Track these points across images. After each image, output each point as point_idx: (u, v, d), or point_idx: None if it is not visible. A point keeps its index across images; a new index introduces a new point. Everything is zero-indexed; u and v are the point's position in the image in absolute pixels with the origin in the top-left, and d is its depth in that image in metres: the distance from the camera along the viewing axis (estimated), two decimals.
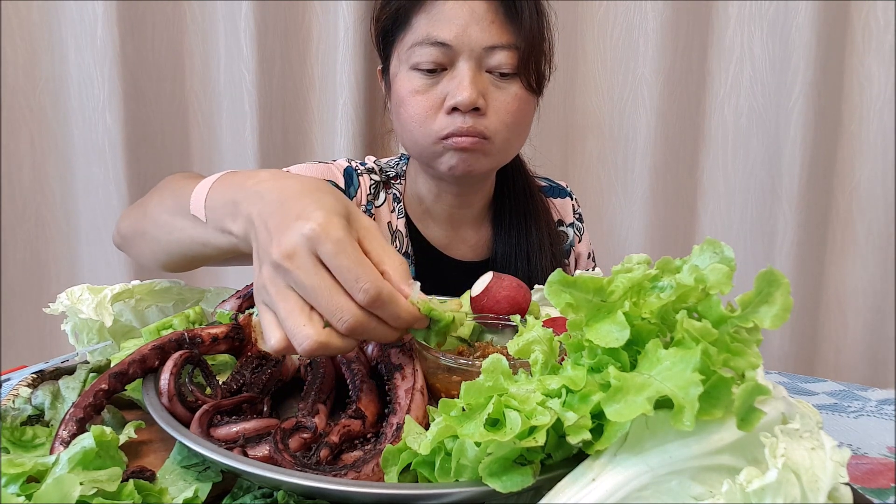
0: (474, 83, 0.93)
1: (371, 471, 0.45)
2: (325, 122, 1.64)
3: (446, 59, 0.94)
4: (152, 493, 0.45)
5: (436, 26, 0.94)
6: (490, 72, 0.95)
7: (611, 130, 1.67)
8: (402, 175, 1.14)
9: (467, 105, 0.92)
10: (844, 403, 0.78)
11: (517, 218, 1.11)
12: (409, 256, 1.09)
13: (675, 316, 0.41)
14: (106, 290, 0.72)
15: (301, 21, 1.60)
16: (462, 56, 0.93)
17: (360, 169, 1.09)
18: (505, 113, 0.96)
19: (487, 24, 0.93)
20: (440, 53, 0.93)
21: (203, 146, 1.64)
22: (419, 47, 0.94)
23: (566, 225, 1.21)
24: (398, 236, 1.09)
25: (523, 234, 1.10)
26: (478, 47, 0.93)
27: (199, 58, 1.60)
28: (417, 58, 0.95)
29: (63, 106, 1.54)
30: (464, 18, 0.93)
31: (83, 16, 1.48)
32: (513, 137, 1.00)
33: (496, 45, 0.93)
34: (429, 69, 0.95)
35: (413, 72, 0.96)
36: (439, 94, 0.95)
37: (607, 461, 0.39)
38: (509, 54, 0.94)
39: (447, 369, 0.57)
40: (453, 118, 0.94)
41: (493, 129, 0.96)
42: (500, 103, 0.95)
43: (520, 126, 1.00)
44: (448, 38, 0.93)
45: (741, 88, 1.63)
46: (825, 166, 1.62)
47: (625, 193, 1.68)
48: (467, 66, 0.93)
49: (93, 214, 1.57)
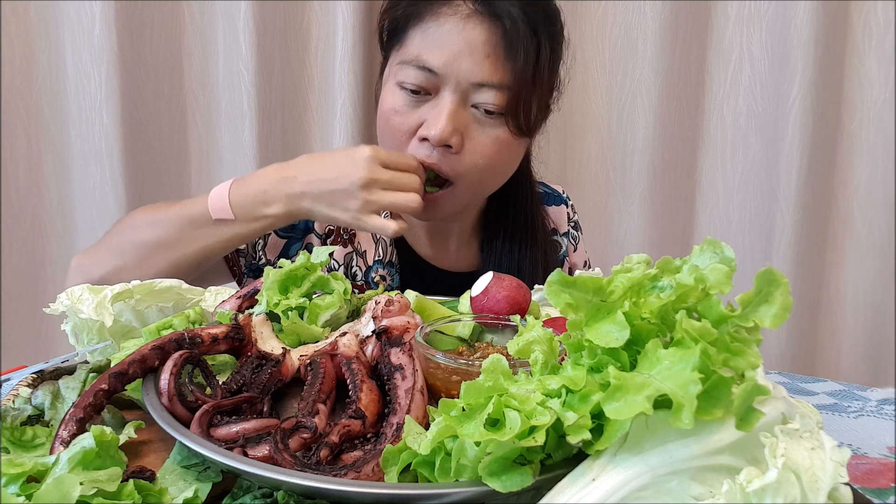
0: (452, 119, 0.88)
1: (371, 471, 0.45)
2: (324, 122, 1.64)
3: (431, 85, 0.89)
4: (152, 493, 0.45)
5: (427, 48, 0.89)
6: (475, 107, 0.90)
7: (609, 130, 1.67)
8: None
9: (438, 140, 0.88)
10: (844, 403, 0.78)
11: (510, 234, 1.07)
12: (393, 265, 1.07)
13: (675, 316, 0.41)
14: (106, 290, 0.72)
15: (300, 21, 1.60)
16: (447, 86, 0.88)
17: None
18: (479, 155, 0.91)
19: (481, 58, 0.87)
20: (425, 79, 0.89)
21: (201, 146, 1.64)
22: (406, 66, 0.90)
23: (560, 234, 1.17)
24: (382, 245, 1.07)
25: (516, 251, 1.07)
26: (465, 81, 0.88)
27: (197, 57, 1.60)
28: (403, 76, 0.91)
29: (60, 106, 1.53)
30: (457, 47, 0.87)
31: (81, 15, 1.48)
32: (485, 179, 0.96)
33: (485, 83, 0.88)
34: (412, 90, 0.90)
35: (397, 88, 0.92)
36: (417, 119, 0.91)
37: (607, 461, 0.39)
38: (498, 94, 0.88)
39: (447, 369, 0.57)
40: (421, 147, 0.91)
41: (461, 170, 0.92)
42: (476, 143, 0.91)
43: (495, 168, 0.95)
44: (436, 65, 0.88)
45: (740, 88, 1.64)
46: (825, 166, 1.62)
47: (623, 193, 1.69)
48: (450, 100, 0.88)
49: (90, 215, 1.57)
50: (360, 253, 1.07)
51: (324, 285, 0.74)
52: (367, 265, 1.07)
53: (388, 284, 1.07)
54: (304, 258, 0.74)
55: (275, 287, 0.71)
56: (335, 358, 0.60)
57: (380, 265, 1.07)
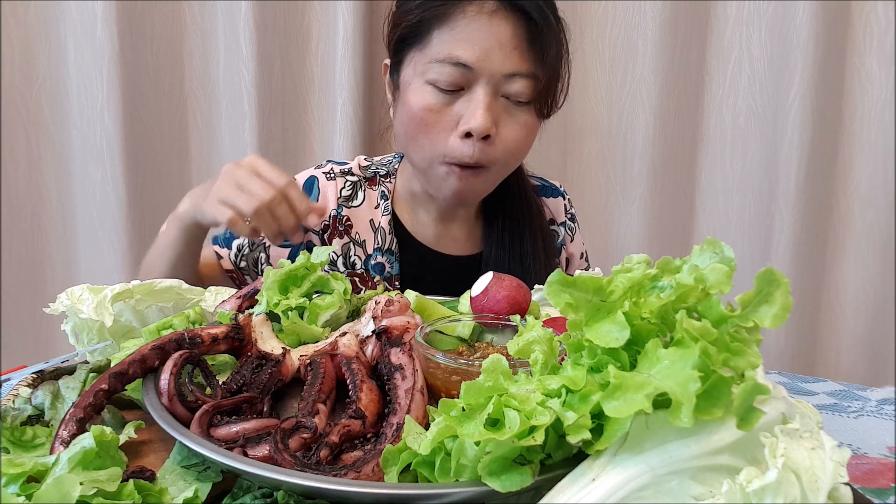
0: (490, 110, 0.92)
1: (371, 471, 0.45)
2: (324, 122, 1.64)
3: (464, 81, 0.93)
4: (152, 493, 0.45)
5: (458, 45, 0.92)
6: (505, 97, 0.94)
7: (609, 130, 1.67)
8: (394, 174, 1.14)
9: (481, 133, 0.92)
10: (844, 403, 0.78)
11: (511, 221, 1.11)
12: (391, 253, 1.10)
13: (675, 316, 0.41)
14: (106, 290, 0.72)
15: (300, 20, 1.60)
16: (481, 80, 0.92)
17: (332, 173, 1.11)
18: (512, 141, 0.96)
19: (510, 50, 0.92)
20: (459, 74, 0.92)
21: (202, 146, 1.64)
22: (438, 65, 0.93)
23: (557, 224, 1.21)
24: (381, 232, 1.10)
25: (517, 238, 1.11)
26: (498, 73, 0.92)
27: (198, 57, 1.60)
28: (435, 75, 0.93)
29: (61, 106, 1.54)
30: (488, 41, 0.91)
31: (82, 15, 1.48)
32: (513, 163, 1.03)
33: (517, 73, 0.92)
34: (447, 89, 0.93)
35: (428, 87, 0.94)
36: (454, 115, 0.94)
37: (607, 461, 0.39)
38: (528, 83, 0.93)
39: (447, 369, 0.57)
40: (464, 144, 0.94)
41: (496, 157, 0.96)
42: (508, 131, 0.96)
43: (521, 153, 1.02)
44: (470, 60, 0.91)
45: (739, 88, 1.64)
46: (824, 166, 1.62)
47: (623, 193, 1.69)
48: (484, 92, 0.92)
49: (90, 215, 1.57)
50: (359, 242, 1.10)
51: (324, 285, 0.74)
52: (366, 254, 1.10)
53: (388, 272, 1.10)
54: (304, 258, 0.74)
55: (275, 287, 0.71)
56: (335, 358, 0.60)
57: (379, 253, 1.10)
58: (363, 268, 1.10)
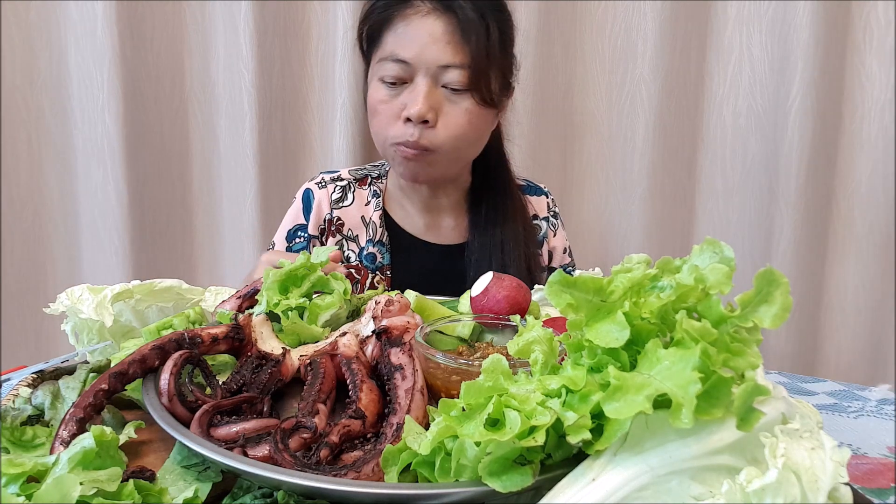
0: (427, 98, 1.05)
1: (371, 471, 0.45)
2: (324, 122, 1.64)
3: (406, 74, 1.06)
4: (152, 493, 0.45)
5: (399, 45, 1.06)
6: (445, 86, 1.06)
7: (609, 130, 1.67)
8: (385, 175, 1.27)
9: (417, 117, 1.04)
10: (844, 403, 0.78)
11: (494, 212, 1.21)
12: (382, 244, 1.21)
13: (675, 316, 0.41)
14: (106, 290, 0.72)
15: (300, 21, 1.60)
16: (420, 72, 1.05)
17: (323, 182, 1.24)
18: (454, 126, 1.07)
19: (444, 44, 1.04)
20: (401, 69, 1.06)
21: (202, 146, 1.64)
22: (385, 62, 1.08)
23: (540, 219, 1.30)
24: (372, 226, 1.22)
25: (499, 226, 1.20)
26: (433, 65, 1.05)
27: (198, 58, 1.60)
28: (383, 71, 1.08)
29: (62, 106, 1.54)
30: (423, 39, 1.05)
31: (83, 16, 1.48)
32: (462, 147, 1.11)
33: (449, 64, 1.05)
34: (391, 82, 1.07)
35: (380, 83, 1.09)
36: (399, 105, 1.07)
37: (607, 461, 0.39)
38: (461, 72, 1.05)
39: (447, 369, 0.57)
40: (406, 128, 1.06)
41: (439, 142, 1.07)
42: (450, 117, 1.07)
43: (469, 138, 1.11)
44: (408, 57, 1.05)
45: (740, 88, 1.63)
46: (825, 166, 1.62)
47: (623, 193, 1.68)
48: (423, 82, 1.05)
49: (91, 215, 1.57)
50: (352, 237, 1.22)
51: (324, 285, 0.74)
52: (359, 247, 1.22)
53: (380, 261, 1.21)
54: (304, 258, 0.74)
55: (275, 287, 0.71)
56: (335, 358, 0.60)
57: (370, 244, 1.21)
58: (357, 259, 1.21)
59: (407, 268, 1.21)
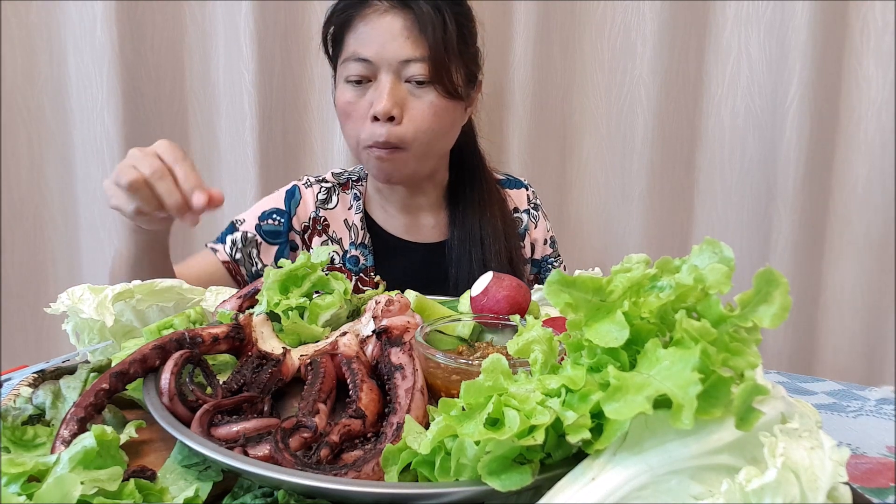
0: (391, 94, 1.06)
1: (371, 470, 0.45)
2: (324, 122, 1.64)
3: (370, 73, 1.08)
4: (153, 493, 0.45)
5: (360, 44, 1.08)
6: (409, 81, 1.07)
7: (608, 130, 1.67)
8: (365, 178, 1.28)
9: (384, 114, 1.05)
10: (843, 403, 0.78)
11: (471, 206, 1.22)
12: (364, 246, 1.23)
13: (675, 315, 0.41)
14: (107, 290, 0.72)
15: (301, 21, 1.60)
16: (382, 69, 1.07)
17: (309, 182, 1.26)
18: (420, 120, 1.08)
19: (402, 40, 1.06)
20: (364, 67, 1.08)
21: (202, 146, 1.64)
22: (348, 62, 1.09)
23: (520, 211, 1.31)
24: (354, 229, 1.23)
25: (477, 221, 1.21)
26: (394, 61, 1.06)
27: (198, 58, 1.60)
28: (347, 71, 1.09)
29: (62, 106, 1.53)
30: (382, 37, 1.07)
31: (82, 16, 1.48)
32: (432, 140, 1.12)
33: (410, 59, 1.06)
34: (356, 80, 1.09)
35: (345, 84, 1.10)
36: (366, 104, 1.08)
37: (607, 461, 0.39)
38: (422, 66, 1.07)
39: (447, 369, 0.57)
40: (374, 127, 1.07)
41: (409, 137, 1.08)
42: (416, 111, 1.08)
43: (436, 131, 1.11)
44: (369, 55, 1.07)
45: (738, 89, 1.63)
46: (822, 166, 1.62)
47: (622, 193, 1.68)
48: (387, 79, 1.07)
49: (91, 215, 1.57)
50: (336, 240, 1.24)
51: (324, 285, 0.74)
52: (343, 249, 1.23)
53: (363, 263, 1.22)
54: (305, 258, 0.74)
55: (275, 287, 0.71)
56: (335, 358, 0.60)
57: (353, 247, 1.23)
58: (341, 262, 1.23)
59: (390, 269, 1.22)
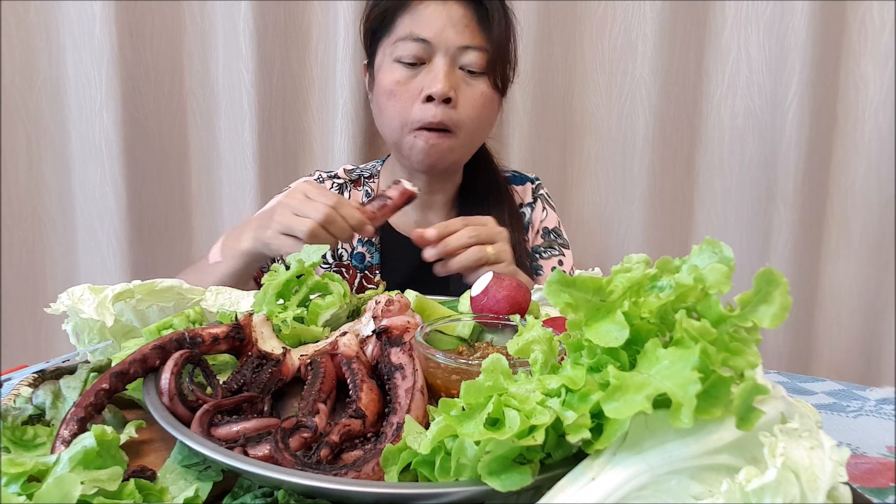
0: (448, 77, 1.07)
1: (371, 470, 0.45)
2: (324, 122, 1.64)
3: (425, 54, 1.08)
4: (153, 493, 0.45)
5: (418, 25, 1.08)
6: (462, 69, 1.09)
7: (609, 130, 1.67)
8: (377, 174, 1.29)
9: (441, 95, 1.06)
10: (843, 403, 0.79)
11: (482, 205, 1.23)
12: (372, 244, 1.24)
13: (675, 315, 0.41)
14: (107, 290, 0.72)
15: (300, 20, 1.60)
16: (439, 52, 1.07)
17: (321, 178, 1.28)
18: (472, 107, 1.10)
19: (462, 27, 1.07)
20: (420, 48, 1.08)
21: (202, 146, 1.64)
22: (402, 42, 1.09)
23: (525, 205, 1.32)
24: None
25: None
26: (453, 46, 1.07)
27: (197, 57, 1.60)
28: (400, 52, 1.09)
29: (60, 106, 1.53)
30: (442, 20, 1.07)
31: (81, 15, 1.48)
32: (477, 131, 1.14)
33: (469, 46, 1.08)
34: (409, 62, 1.09)
35: (396, 64, 1.10)
36: (417, 86, 1.08)
37: (607, 460, 0.39)
38: (479, 55, 1.08)
39: (447, 369, 0.57)
40: (427, 108, 1.07)
41: (461, 121, 1.09)
42: (468, 98, 1.09)
43: (483, 121, 1.14)
44: (428, 36, 1.07)
45: (738, 89, 1.64)
46: (821, 166, 1.62)
47: (623, 193, 1.69)
48: (443, 62, 1.07)
49: (90, 215, 1.57)
50: None
51: (322, 289, 0.74)
52: (352, 246, 1.24)
53: (368, 261, 1.23)
54: (298, 266, 0.73)
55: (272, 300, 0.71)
56: (335, 358, 0.60)
57: (360, 244, 1.24)
58: (349, 258, 1.24)
59: (396, 266, 1.23)
